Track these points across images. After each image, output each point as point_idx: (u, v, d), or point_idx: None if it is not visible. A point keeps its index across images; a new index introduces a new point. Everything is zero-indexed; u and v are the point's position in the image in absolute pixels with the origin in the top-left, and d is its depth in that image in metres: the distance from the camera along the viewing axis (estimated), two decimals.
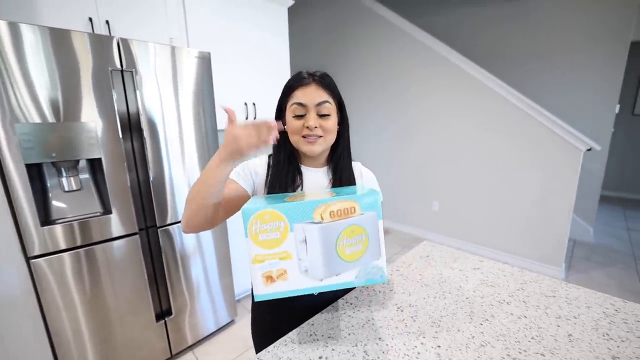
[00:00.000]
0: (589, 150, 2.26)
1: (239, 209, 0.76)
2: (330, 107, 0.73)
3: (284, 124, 0.75)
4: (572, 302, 0.75)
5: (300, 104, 0.71)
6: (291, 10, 2.90)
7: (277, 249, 0.50)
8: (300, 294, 0.53)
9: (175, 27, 1.79)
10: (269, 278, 0.51)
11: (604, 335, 0.63)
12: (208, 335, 1.83)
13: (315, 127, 0.71)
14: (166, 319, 1.59)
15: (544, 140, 2.37)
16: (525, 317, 0.70)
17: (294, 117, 0.72)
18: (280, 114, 0.77)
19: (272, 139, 0.62)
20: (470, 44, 3.34)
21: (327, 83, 0.73)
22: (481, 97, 2.65)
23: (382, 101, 3.39)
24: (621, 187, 4.70)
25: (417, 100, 3.08)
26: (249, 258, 0.51)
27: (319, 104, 0.71)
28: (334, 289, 0.53)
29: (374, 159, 3.56)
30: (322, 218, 0.50)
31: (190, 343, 1.73)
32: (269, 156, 0.83)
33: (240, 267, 2.05)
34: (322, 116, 0.72)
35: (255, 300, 0.54)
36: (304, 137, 0.72)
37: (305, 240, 0.51)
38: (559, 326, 0.67)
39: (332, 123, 0.74)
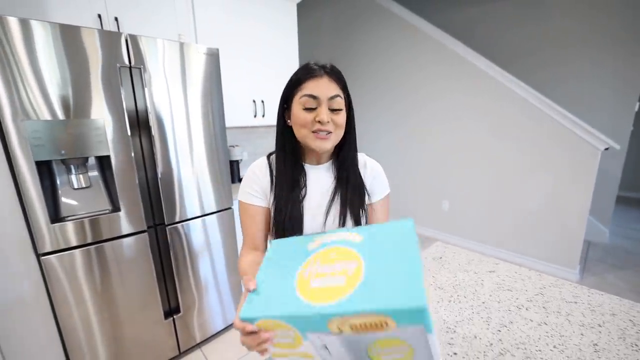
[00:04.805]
0: (607, 149, 2.18)
1: None
2: (341, 102, 0.70)
3: (289, 118, 0.72)
4: (596, 309, 0.72)
5: (312, 96, 0.67)
6: (300, 7, 2.87)
7: (296, 350, 0.43)
8: None
9: (183, 24, 1.78)
10: None
11: (632, 346, 0.60)
12: (216, 333, 1.83)
13: (328, 121, 0.68)
14: (174, 316, 1.59)
15: (560, 139, 2.29)
16: (546, 324, 0.67)
17: (303, 109, 0.68)
18: (284, 106, 0.74)
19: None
20: (487, 42, 3.26)
21: (338, 76, 0.71)
22: (496, 96, 2.58)
23: (392, 100, 3.33)
24: (638, 188, 4.56)
25: (430, 99, 3.02)
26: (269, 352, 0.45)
27: (332, 98, 0.68)
28: None
29: (383, 158, 3.48)
30: (340, 330, 0.38)
31: (198, 341, 1.73)
32: (268, 157, 0.80)
33: None
34: (333, 111, 0.69)
35: None
36: (313, 132, 0.69)
37: (327, 347, 0.41)
38: (582, 334, 0.63)
39: (343, 118, 0.71)
